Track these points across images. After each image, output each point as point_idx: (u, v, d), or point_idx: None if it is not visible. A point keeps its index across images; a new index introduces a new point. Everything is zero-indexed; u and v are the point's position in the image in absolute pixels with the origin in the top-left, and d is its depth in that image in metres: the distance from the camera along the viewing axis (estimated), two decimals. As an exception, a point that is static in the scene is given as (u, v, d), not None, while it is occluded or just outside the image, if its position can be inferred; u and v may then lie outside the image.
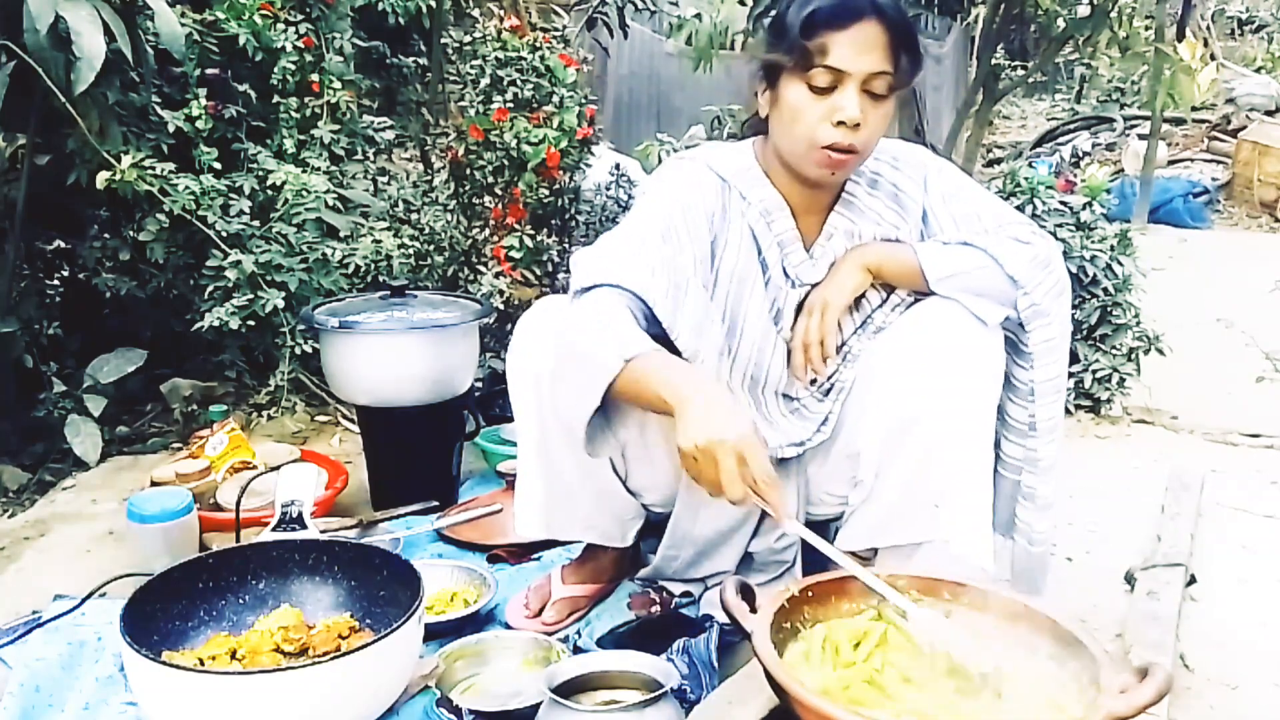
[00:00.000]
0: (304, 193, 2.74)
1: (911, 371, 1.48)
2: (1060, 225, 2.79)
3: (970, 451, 1.51)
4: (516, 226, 2.84)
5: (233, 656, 1.44)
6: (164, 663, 1.35)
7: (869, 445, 1.53)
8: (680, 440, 1.26)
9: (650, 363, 1.33)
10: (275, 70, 2.90)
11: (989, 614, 1.24)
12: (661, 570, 1.75)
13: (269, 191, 2.79)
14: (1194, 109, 7.75)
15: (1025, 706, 1.12)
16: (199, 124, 2.71)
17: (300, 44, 2.93)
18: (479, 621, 1.73)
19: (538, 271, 2.95)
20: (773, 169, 1.57)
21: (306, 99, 2.98)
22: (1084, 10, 5.47)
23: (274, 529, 1.76)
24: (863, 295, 1.59)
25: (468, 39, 2.99)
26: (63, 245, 2.83)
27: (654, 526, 1.74)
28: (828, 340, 1.57)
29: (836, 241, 1.59)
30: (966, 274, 1.50)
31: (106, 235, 2.80)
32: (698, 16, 6.06)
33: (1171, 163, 7.95)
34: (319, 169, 2.89)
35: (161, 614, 1.47)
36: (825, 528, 1.68)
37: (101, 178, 2.46)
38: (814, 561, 1.62)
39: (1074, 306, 2.80)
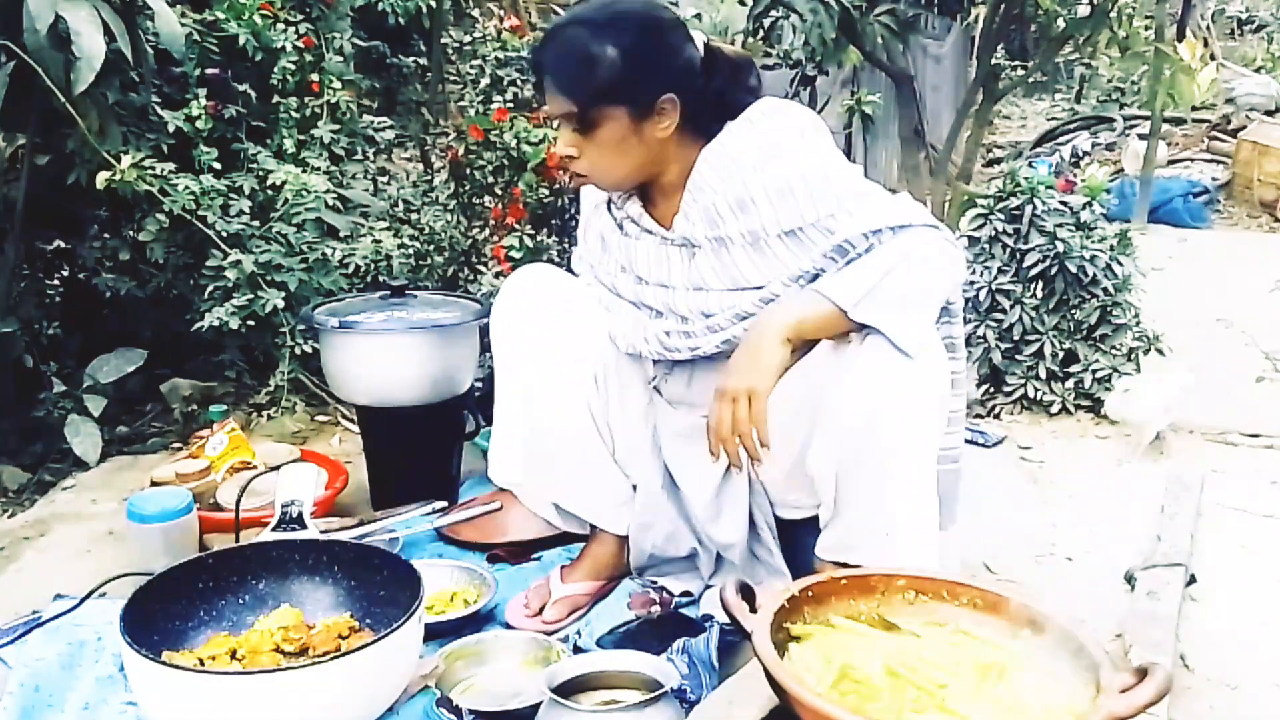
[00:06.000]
0: (304, 193, 2.74)
1: (853, 417, 1.44)
2: (1060, 225, 2.78)
3: (914, 481, 1.48)
4: (516, 226, 2.84)
5: (233, 656, 1.44)
6: (164, 663, 1.35)
7: (821, 478, 1.51)
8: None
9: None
10: (275, 70, 2.90)
11: (988, 613, 1.24)
12: (641, 546, 1.75)
13: (269, 191, 2.78)
14: (1194, 109, 7.74)
15: (1024, 707, 1.12)
16: (199, 124, 2.71)
17: (300, 44, 2.93)
18: (479, 621, 1.73)
19: (538, 271, 2.95)
20: None
21: (306, 99, 2.97)
22: (1084, 10, 5.47)
23: (274, 529, 1.75)
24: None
25: (468, 39, 3.00)
26: (63, 245, 2.83)
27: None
28: (762, 430, 1.44)
29: (702, 197, 1.57)
30: (880, 287, 1.43)
31: (106, 235, 2.80)
32: (698, 16, 6.08)
33: (1171, 163, 7.93)
34: (319, 169, 2.89)
35: (161, 614, 1.47)
36: (794, 528, 1.69)
37: (101, 178, 2.46)
38: (796, 566, 1.65)
39: (1074, 306, 2.80)
